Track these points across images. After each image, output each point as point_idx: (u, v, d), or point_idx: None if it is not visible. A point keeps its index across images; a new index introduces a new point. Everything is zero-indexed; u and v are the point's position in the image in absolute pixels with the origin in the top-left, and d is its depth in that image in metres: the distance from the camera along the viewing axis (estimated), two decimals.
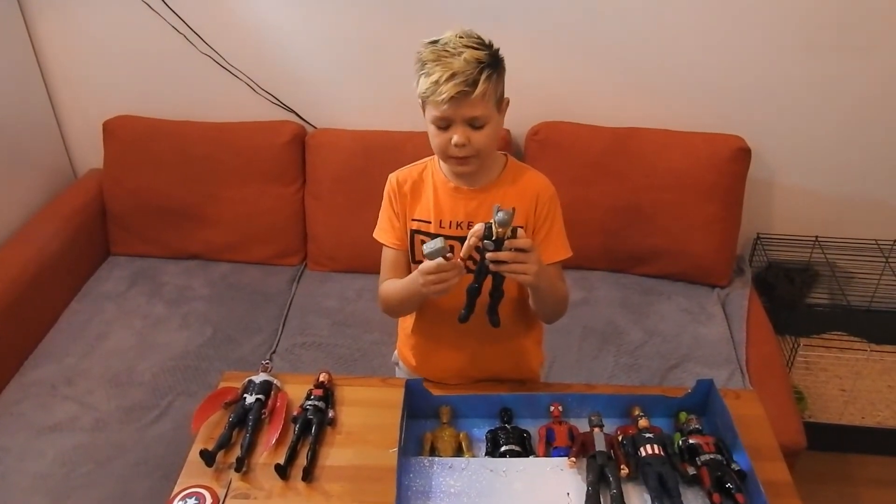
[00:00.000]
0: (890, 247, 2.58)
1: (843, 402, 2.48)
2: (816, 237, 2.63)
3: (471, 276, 1.32)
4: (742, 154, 2.37)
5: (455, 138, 1.31)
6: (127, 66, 2.59)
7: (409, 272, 1.48)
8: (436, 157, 1.46)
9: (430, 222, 1.44)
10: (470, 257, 1.31)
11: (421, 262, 1.44)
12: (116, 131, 2.58)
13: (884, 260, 2.57)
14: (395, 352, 1.73)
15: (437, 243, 1.26)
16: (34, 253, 2.33)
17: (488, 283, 1.32)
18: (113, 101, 2.61)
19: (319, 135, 2.57)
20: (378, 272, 2.63)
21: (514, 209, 1.23)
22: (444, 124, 1.32)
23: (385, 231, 1.50)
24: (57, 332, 2.30)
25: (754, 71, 2.39)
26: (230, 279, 2.56)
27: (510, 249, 1.24)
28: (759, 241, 2.67)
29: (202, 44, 2.51)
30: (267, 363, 1.56)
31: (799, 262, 2.66)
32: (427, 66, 1.28)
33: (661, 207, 2.42)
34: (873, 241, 2.60)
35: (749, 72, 2.39)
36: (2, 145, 2.44)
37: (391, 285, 1.48)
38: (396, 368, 1.75)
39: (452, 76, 1.25)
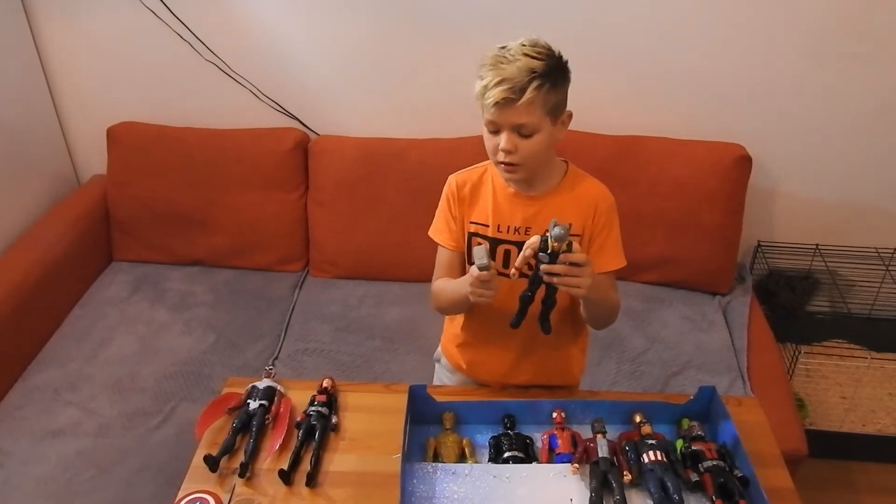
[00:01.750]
0: (890, 255, 2.59)
1: (843, 410, 2.48)
2: (817, 245, 2.63)
3: (524, 282, 1.33)
4: (743, 162, 2.38)
5: (501, 143, 1.31)
6: (131, 73, 2.60)
7: (463, 272, 1.48)
8: None
9: (487, 226, 1.44)
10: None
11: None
12: (120, 137, 2.59)
13: (884, 268, 2.58)
14: (439, 348, 1.73)
15: (482, 259, 1.28)
16: (38, 258, 2.34)
17: (541, 291, 1.33)
18: (117, 107, 2.62)
19: (322, 141, 2.58)
20: (380, 278, 2.64)
21: (570, 224, 1.24)
22: (493, 129, 1.33)
23: (441, 231, 1.51)
24: (60, 338, 2.30)
25: (756, 79, 2.40)
26: (233, 285, 2.56)
27: (565, 263, 1.24)
28: (759, 249, 2.68)
29: (206, 51, 2.52)
30: (270, 369, 1.56)
31: (800, 270, 2.66)
32: (483, 69, 1.30)
33: (662, 215, 2.43)
34: (874, 250, 2.61)
35: (750, 80, 2.41)
36: (6, 151, 2.45)
37: (443, 284, 1.50)
38: (437, 365, 1.75)
39: (501, 82, 1.26)
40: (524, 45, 1.30)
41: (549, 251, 1.24)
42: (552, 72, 1.29)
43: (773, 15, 2.29)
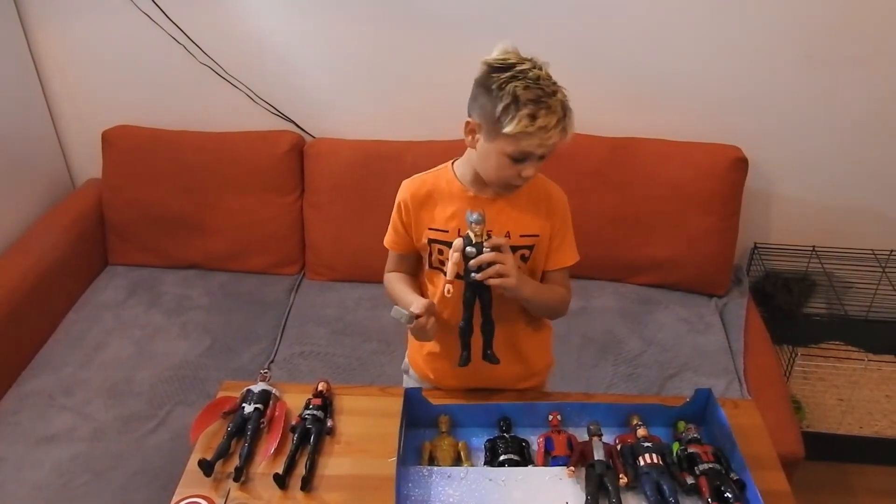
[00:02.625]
0: (886, 257, 2.59)
1: (840, 412, 2.48)
2: (814, 247, 2.63)
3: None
4: (740, 164, 2.38)
5: (528, 171, 1.31)
6: (126, 76, 2.60)
7: (413, 268, 1.54)
8: (449, 164, 1.47)
9: (447, 231, 1.42)
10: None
11: (437, 268, 1.47)
12: (115, 141, 2.58)
13: (881, 270, 2.58)
14: (406, 359, 1.72)
15: (401, 318, 1.35)
16: (33, 262, 2.33)
17: (478, 320, 1.38)
18: (112, 110, 2.61)
19: (318, 144, 2.58)
20: (376, 281, 2.64)
21: (483, 210, 1.30)
22: (522, 158, 1.30)
23: (389, 235, 1.53)
24: (55, 342, 2.30)
25: (752, 81, 2.40)
26: (229, 288, 2.55)
27: (490, 251, 1.29)
28: (756, 251, 2.68)
29: (201, 54, 2.52)
30: (265, 372, 1.56)
31: (796, 272, 2.66)
32: (528, 106, 1.23)
33: (659, 217, 2.43)
34: (870, 252, 2.61)
35: (747, 82, 2.41)
36: (1, 155, 2.44)
37: (395, 285, 1.53)
38: (405, 376, 1.74)
39: (557, 122, 1.25)
40: (538, 69, 1.28)
41: (473, 243, 1.29)
42: None
43: (769, 17, 2.29)
